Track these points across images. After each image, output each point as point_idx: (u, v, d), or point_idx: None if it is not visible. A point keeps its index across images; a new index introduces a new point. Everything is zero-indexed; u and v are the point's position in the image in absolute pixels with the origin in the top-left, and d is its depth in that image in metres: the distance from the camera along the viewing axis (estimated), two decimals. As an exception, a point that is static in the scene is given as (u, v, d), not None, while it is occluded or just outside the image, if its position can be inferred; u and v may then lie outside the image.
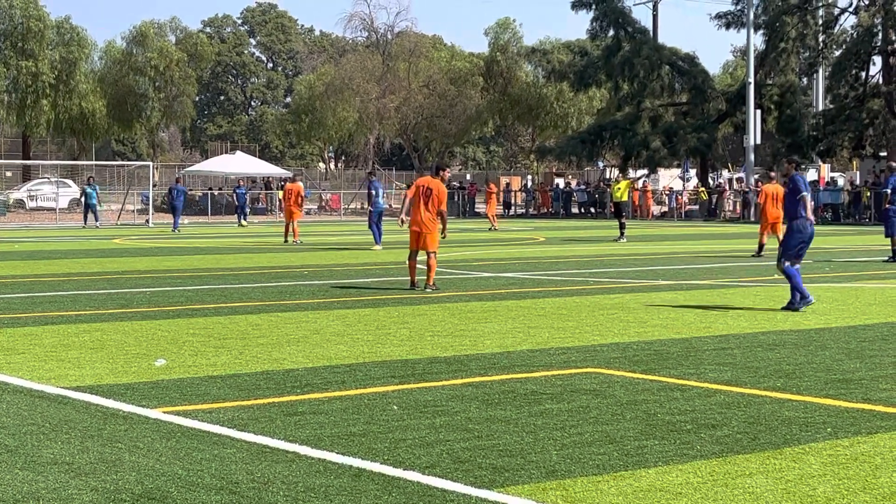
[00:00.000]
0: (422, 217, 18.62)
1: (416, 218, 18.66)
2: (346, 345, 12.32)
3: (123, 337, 12.94)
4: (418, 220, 18.64)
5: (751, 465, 7.05)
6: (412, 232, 18.81)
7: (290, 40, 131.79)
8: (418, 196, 18.73)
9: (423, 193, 18.69)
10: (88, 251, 31.35)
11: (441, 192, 18.84)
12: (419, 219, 18.63)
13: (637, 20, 69.75)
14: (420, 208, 18.66)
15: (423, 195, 18.69)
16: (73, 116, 75.93)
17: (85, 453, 7.37)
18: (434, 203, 18.69)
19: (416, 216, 18.66)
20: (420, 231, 18.68)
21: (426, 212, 18.65)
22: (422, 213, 18.62)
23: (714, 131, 66.60)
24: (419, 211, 18.65)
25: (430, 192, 18.70)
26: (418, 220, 18.64)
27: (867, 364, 10.94)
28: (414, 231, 18.77)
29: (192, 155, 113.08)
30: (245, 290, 18.98)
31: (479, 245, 33.78)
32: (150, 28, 79.87)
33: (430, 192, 18.69)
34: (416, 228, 18.72)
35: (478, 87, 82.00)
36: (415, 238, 18.81)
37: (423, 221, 18.63)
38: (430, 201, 18.67)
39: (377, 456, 7.29)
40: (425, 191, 18.71)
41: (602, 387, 9.75)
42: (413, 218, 18.72)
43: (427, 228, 18.65)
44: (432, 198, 18.68)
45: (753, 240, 37.34)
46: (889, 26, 58.09)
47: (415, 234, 18.78)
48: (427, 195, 18.67)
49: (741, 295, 18.03)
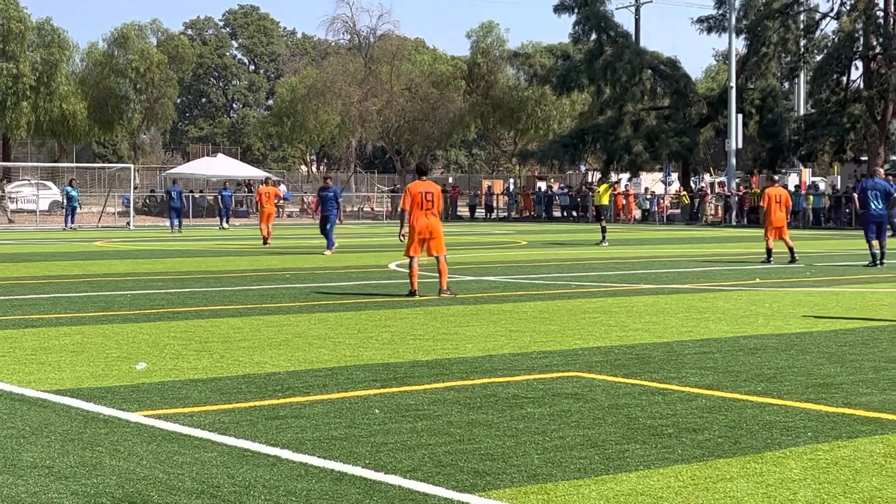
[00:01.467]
0: (428, 222, 18.19)
1: (421, 224, 18.14)
2: (327, 348, 12.31)
3: (104, 340, 12.89)
4: (424, 225, 18.15)
5: (732, 470, 7.06)
6: (417, 239, 18.18)
7: (272, 43, 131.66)
8: (419, 202, 18.20)
9: (424, 198, 18.22)
10: (69, 254, 31.24)
11: (439, 193, 18.63)
12: (425, 224, 18.16)
13: (619, 24, 70.04)
14: (423, 214, 18.19)
15: (424, 200, 18.21)
16: (53, 118, 75.68)
17: (65, 457, 7.34)
18: (437, 206, 18.39)
19: (421, 222, 18.15)
20: (427, 237, 18.22)
21: (431, 216, 18.26)
22: (427, 219, 18.20)
23: (696, 135, 66.80)
24: (422, 216, 18.17)
25: (432, 195, 18.35)
26: (424, 225, 18.15)
27: (847, 368, 10.97)
28: (420, 238, 18.20)
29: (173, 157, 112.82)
30: (226, 294, 18.94)
31: (460, 248, 33.77)
32: (132, 30, 79.66)
33: (432, 196, 18.34)
34: (422, 235, 18.18)
35: (460, 90, 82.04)
36: (419, 244, 18.25)
37: (431, 226, 18.22)
38: (432, 205, 18.30)
39: (359, 460, 7.28)
40: (426, 195, 18.25)
41: (584, 391, 9.75)
42: (417, 224, 18.16)
43: (434, 233, 18.27)
44: (434, 201, 18.34)
45: (735, 243, 37.52)
46: (870, 31, 58.33)
47: (420, 241, 18.21)
48: (429, 199, 18.27)
49: (723, 299, 18.07)
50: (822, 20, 61.90)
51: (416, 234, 18.17)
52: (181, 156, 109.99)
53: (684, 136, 65.23)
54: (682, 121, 66.95)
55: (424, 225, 18.14)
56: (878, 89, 57.71)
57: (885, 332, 13.81)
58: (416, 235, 18.18)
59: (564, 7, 68.91)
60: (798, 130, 61.94)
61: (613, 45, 68.06)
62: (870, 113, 58.62)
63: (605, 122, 68.83)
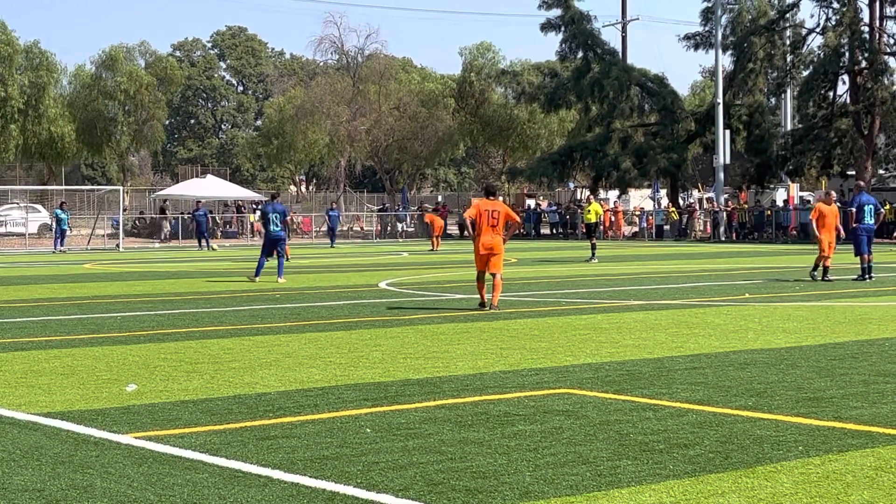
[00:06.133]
0: (491, 240, 18.98)
1: (484, 242, 18.97)
2: (318, 368, 12.30)
3: (94, 362, 12.87)
4: (487, 243, 18.95)
5: (723, 485, 7.07)
6: (481, 255, 19.05)
7: (260, 63, 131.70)
8: (485, 219, 18.98)
9: (490, 216, 18.97)
10: (58, 276, 31.19)
11: (505, 211, 19.25)
12: (488, 242, 18.96)
13: (606, 42, 70.20)
14: (488, 231, 18.97)
15: (490, 218, 18.96)
16: (42, 141, 75.62)
17: (56, 480, 7.33)
18: (501, 225, 19.05)
19: (486, 240, 18.97)
20: (489, 254, 18.99)
21: (495, 234, 19.01)
22: (491, 237, 18.98)
23: (684, 151, 66.95)
24: (487, 234, 18.97)
25: (498, 213, 19.03)
26: (487, 243, 18.95)
27: (837, 382, 10.99)
28: (483, 255, 19.02)
29: (162, 179, 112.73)
30: (216, 315, 18.92)
31: (450, 267, 33.78)
32: (120, 52, 79.63)
33: (498, 215, 19.02)
34: (484, 252, 18.99)
35: (449, 108, 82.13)
36: (483, 260, 19.08)
37: (493, 244, 18.98)
38: (497, 223, 19.00)
39: (350, 479, 7.27)
40: (492, 213, 18.99)
41: (575, 407, 9.76)
42: (482, 242, 19.00)
43: (496, 250, 18.98)
44: (499, 220, 19.02)
45: (724, 259, 37.58)
46: (856, 46, 58.57)
47: (483, 258, 19.04)
48: (494, 217, 18.98)
49: (712, 314, 18.10)
50: (808, 35, 62.16)
51: (480, 251, 19.06)
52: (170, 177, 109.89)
53: (672, 152, 65.38)
54: (670, 137, 67.11)
55: (486, 243, 18.97)
56: (865, 104, 57.92)
57: (874, 345, 13.83)
58: (479, 250, 19.07)
59: (551, 25, 69.11)
60: (785, 145, 62.13)
61: (601, 62, 68.26)
62: (856, 127, 58.82)
63: (593, 140, 68.97)
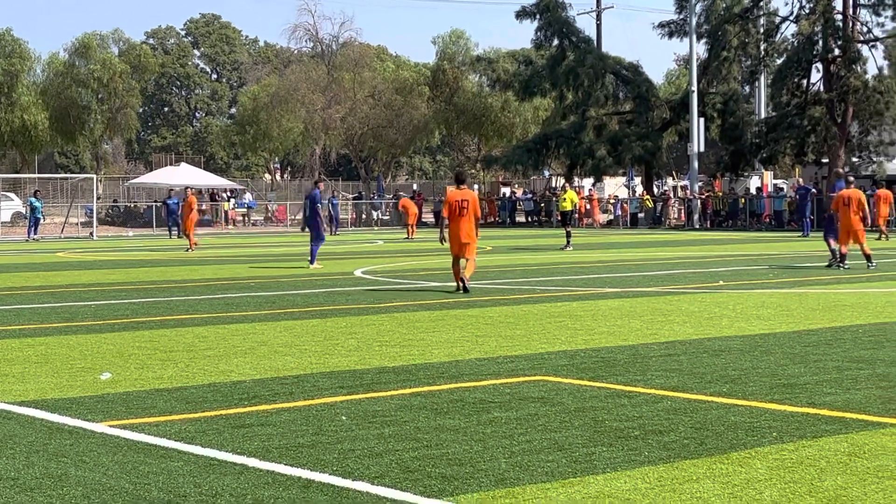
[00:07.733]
0: (465, 230, 19.78)
1: (460, 231, 19.76)
2: (293, 356, 12.28)
3: (68, 351, 12.82)
4: (462, 232, 19.76)
5: (698, 471, 7.10)
6: (458, 244, 19.80)
7: (234, 51, 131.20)
8: (456, 210, 19.73)
9: (460, 206, 19.73)
10: (32, 265, 31.03)
11: (474, 201, 19.95)
12: (462, 231, 19.76)
13: (581, 30, 70.12)
14: (458, 220, 19.77)
15: (459, 207, 19.73)
16: (14, 129, 75.18)
17: (30, 468, 7.30)
18: (470, 213, 19.81)
19: (461, 229, 19.75)
20: (463, 241, 19.77)
21: (466, 223, 19.79)
22: (464, 226, 19.77)
23: (658, 139, 67.06)
24: (459, 224, 19.76)
25: (467, 202, 19.77)
26: (462, 232, 19.76)
27: (811, 369, 11.05)
28: (460, 242, 19.77)
29: (136, 167, 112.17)
30: (191, 303, 18.87)
31: (425, 254, 33.78)
32: (93, 40, 79.15)
33: (467, 204, 19.76)
34: (462, 241, 19.75)
35: (424, 96, 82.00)
36: (458, 247, 19.84)
37: (467, 233, 19.84)
38: (467, 212, 19.75)
39: (326, 467, 7.27)
40: (461, 203, 19.73)
41: (550, 394, 9.78)
42: (457, 232, 19.77)
43: (469, 238, 19.87)
44: (469, 209, 19.78)
45: (698, 246, 37.69)
46: (829, 34, 58.71)
47: (459, 244, 19.81)
48: (464, 206, 19.72)
49: (687, 301, 18.16)
50: (781, 24, 62.26)
51: (453, 239, 19.92)
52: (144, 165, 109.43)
53: (647, 140, 65.48)
54: (645, 125, 67.21)
55: (462, 232, 19.74)
56: (838, 91, 58.10)
57: (847, 332, 13.91)
58: (453, 240, 19.92)
59: (526, 13, 69.05)
60: (759, 133, 62.25)
61: (575, 50, 68.25)
62: (830, 115, 59.01)
63: (568, 128, 68.98)
